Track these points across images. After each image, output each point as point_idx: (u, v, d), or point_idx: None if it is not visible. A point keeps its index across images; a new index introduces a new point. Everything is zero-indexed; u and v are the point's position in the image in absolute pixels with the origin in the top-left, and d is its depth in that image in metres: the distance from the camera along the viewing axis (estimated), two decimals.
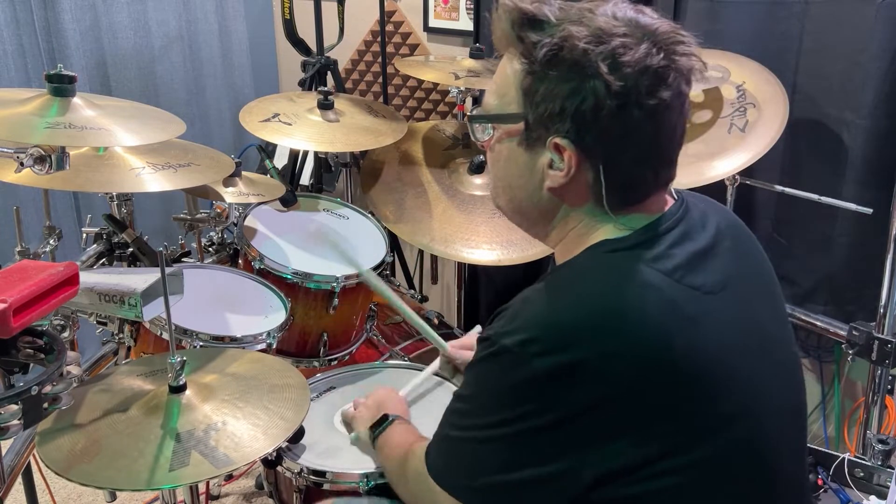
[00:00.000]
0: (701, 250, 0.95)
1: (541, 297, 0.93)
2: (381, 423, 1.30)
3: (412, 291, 2.42)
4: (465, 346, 1.53)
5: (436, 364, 1.59)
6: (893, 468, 1.62)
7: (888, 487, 1.58)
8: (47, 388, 1.04)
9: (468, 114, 1.05)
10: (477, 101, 2.53)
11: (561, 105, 0.91)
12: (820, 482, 1.66)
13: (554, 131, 0.92)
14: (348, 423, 1.45)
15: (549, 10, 0.92)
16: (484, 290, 2.71)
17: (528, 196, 1.00)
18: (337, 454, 1.42)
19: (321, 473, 1.37)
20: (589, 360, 0.85)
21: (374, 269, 1.91)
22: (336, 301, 1.83)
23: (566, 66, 0.90)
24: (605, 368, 0.85)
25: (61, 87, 1.44)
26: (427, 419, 1.33)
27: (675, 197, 1.02)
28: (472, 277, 2.67)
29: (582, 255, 0.96)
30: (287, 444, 1.41)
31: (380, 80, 2.80)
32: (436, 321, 2.22)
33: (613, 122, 0.90)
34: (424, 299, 2.53)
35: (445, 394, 1.60)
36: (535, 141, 0.95)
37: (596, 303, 0.88)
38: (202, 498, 2.06)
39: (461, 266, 2.55)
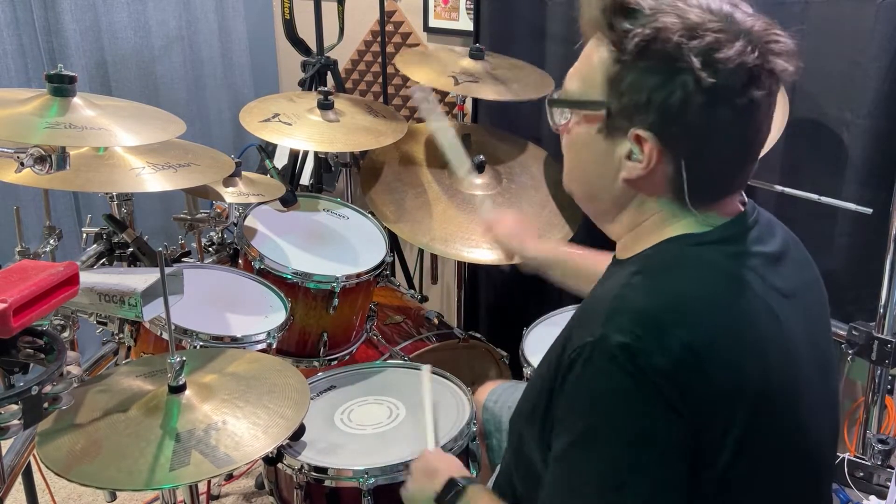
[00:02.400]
0: (774, 254, 0.96)
1: (638, 292, 0.90)
2: (449, 493, 1.13)
3: (412, 291, 2.42)
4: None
5: (429, 394, 1.56)
6: (893, 468, 1.62)
7: (888, 487, 1.58)
8: (47, 388, 1.04)
9: (549, 97, 1.01)
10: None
11: (647, 97, 0.88)
12: None
13: (637, 122, 0.90)
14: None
15: (645, 0, 0.89)
16: (484, 290, 2.71)
17: (601, 184, 0.97)
18: (337, 451, 1.43)
19: (322, 470, 1.38)
20: (699, 349, 0.84)
21: (374, 269, 1.91)
22: (336, 301, 1.83)
23: (657, 58, 0.87)
24: (715, 358, 0.84)
25: (61, 87, 1.44)
26: None
27: (746, 202, 1.01)
28: (472, 277, 2.67)
29: (663, 246, 0.94)
30: (287, 441, 1.41)
31: (380, 80, 2.80)
32: (436, 321, 2.22)
33: (700, 118, 0.88)
34: (424, 299, 2.53)
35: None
36: (615, 130, 0.93)
37: (695, 294, 0.88)
38: (202, 498, 2.06)
39: (461, 266, 2.55)
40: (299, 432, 1.42)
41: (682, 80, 0.86)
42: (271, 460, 1.44)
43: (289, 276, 1.80)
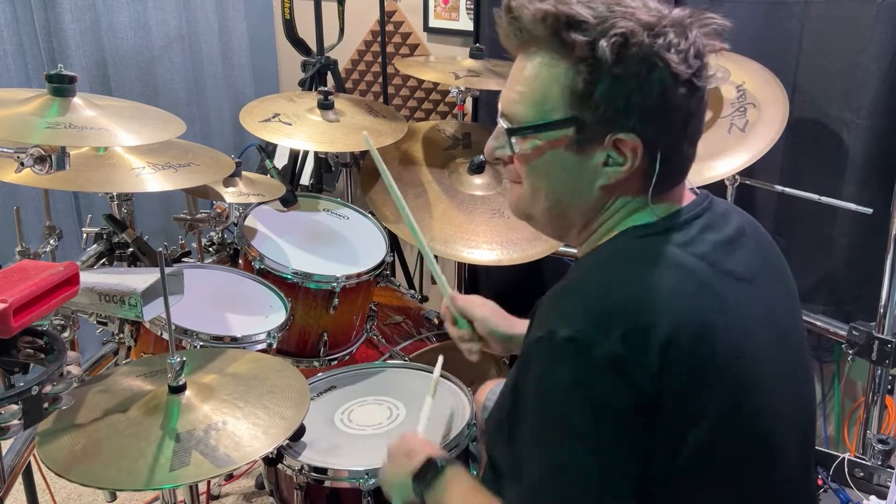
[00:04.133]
0: (727, 239, 0.97)
1: (582, 286, 0.92)
2: (427, 473, 1.10)
3: (412, 291, 2.42)
4: (466, 300, 1.40)
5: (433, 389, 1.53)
6: (893, 468, 1.62)
7: (888, 487, 1.58)
8: (47, 388, 1.04)
9: (508, 128, 0.98)
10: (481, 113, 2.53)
11: (626, 101, 0.89)
12: (820, 482, 1.66)
13: (616, 128, 0.90)
14: (387, 489, 1.25)
15: (585, 10, 0.89)
16: (484, 290, 2.71)
17: (573, 200, 0.98)
18: (338, 451, 1.42)
19: (322, 470, 1.37)
20: (643, 338, 0.84)
21: (374, 269, 1.91)
22: (336, 301, 1.83)
23: (632, 62, 0.88)
24: (658, 345, 0.84)
25: (61, 87, 1.44)
26: None
27: (697, 192, 1.03)
28: (472, 277, 2.67)
29: (612, 241, 0.96)
30: (288, 441, 1.41)
31: (380, 80, 2.79)
32: (436, 321, 2.22)
33: (676, 110, 0.91)
34: (424, 299, 2.53)
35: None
36: (588, 142, 0.93)
37: (636, 285, 0.89)
38: (202, 498, 2.06)
39: (461, 266, 2.55)
40: (299, 433, 1.42)
41: (658, 78, 0.88)
42: (271, 461, 1.44)
43: (289, 276, 1.80)
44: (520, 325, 1.32)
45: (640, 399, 0.84)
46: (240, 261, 1.95)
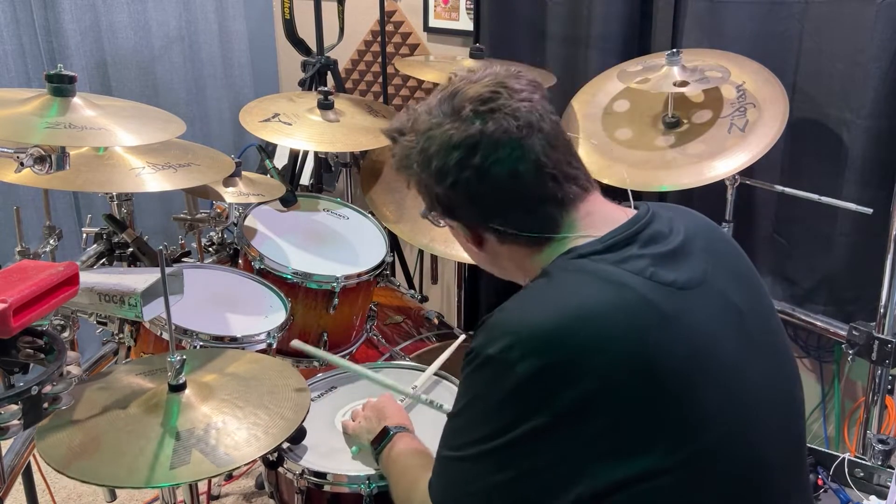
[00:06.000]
0: (670, 251, 0.97)
1: (516, 305, 0.95)
2: (383, 439, 1.29)
3: (412, 291, 2.42)
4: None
5: (436, 365, 1.58)
6: (893, 468, 1.62)
7: (888, 487, 1.58)
8: (47, 388, 1.04)
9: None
10: None
11: (427, 194, 1.06)
12: (820, 482, 1.66)
13: (434, 218, 1.09)
14: (348, 436, 1.42)
15: (398, 127, 1.08)
16: (484, 290, 2.71)
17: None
18: (339, 456, 1.42)
19: (322, 475, 1.37)
20: (569, 360, 0.87)
21: (374, 269, 1.91)
22: (336, 301, 1.83)
23: (404, 171, 1.07)
24: (586, 367, 0.86)
25: (61, 87, 1.44)
26: (430, 428, 1.33)
27: (638, 208, 1.04)
28: (472, 277, 2.67)
29: (551, 265, 0.99)
30: (289, 445, 1.41)
31: (380, 80, 2.80)
32: (436, 321, 2.22)
33: (456, 197, 1.02)
34: (424, 299, 2.53)
35: (447, 393, 1.60)
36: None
37: (570, 303, 0.91)
38: (202, 498, 2.06)
39: (461, 266, 2.55)
40: (300, 436, 1.42)
41: (422, 181, 1.05)
42: (272, 464, 1.44)
43: (289, 276, 1.80)
44: None
45: (563, 419, 0.87)
46: (240, 261, 1.95)
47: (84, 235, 1.84)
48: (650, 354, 0.88)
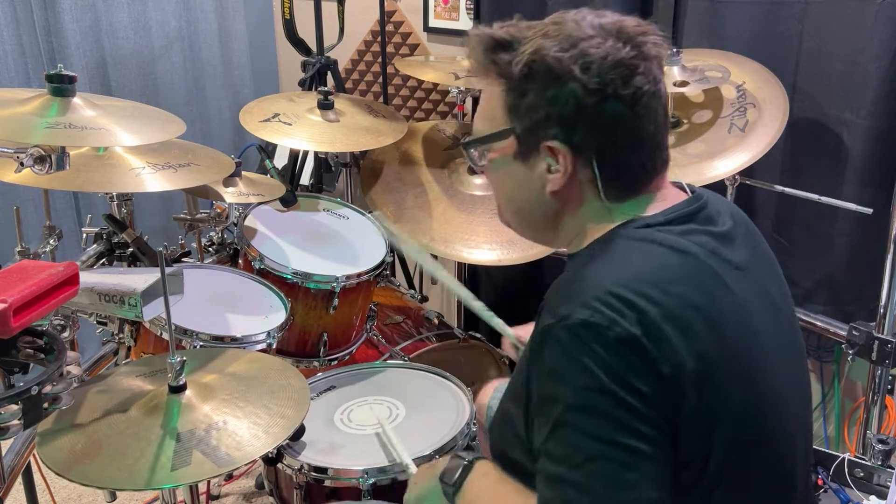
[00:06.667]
0: (724, 233, 1.00)
1: (590, 274, 0.94)
2: (456, 471, 1.06)
3: (412, 291, 2.42)
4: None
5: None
6: (893, 468, 1.62)
7: (888, 487, 1.58)
8: (47, 388, 1.04)
9: (462, 142, 1.09)
10: (476, 106, 2.53)
11: (546, 112, 0.96)
12: (820, 482, 1.66)
13: (544, 136, 0.97)
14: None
15: (516, 31, 1.00)
16: (484, 290, 2.71)
17: (532, 205, 1.04)
18: (337, 451, 1.43)
19: (322, 470, 1.38)
20: (655, 320, 0.86)
21: (374, 269, 1.91)
22: (336, 301, 1.83)
23: (542, 76, 0.95)
24: (671, 328, 0.86)
25: (61, 87, 1.44)
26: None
27: (691, 191, 1.05)
28: (473, 277, 2.67)
29: (609, 235, 0.98)
30: (288, 441, 1.41)
31: (380, 80, 2.79)
32: (436, 321, 2.22)
33: (596, 117, 0.95)
34: (424, 299, 2.53)
35: None
36: (528, 150, 1.00)
37: (648, 270, 0.91)
38: (202, 498, 2.06)
39: (461, 266, 2.55)
40: (299, 433, 1.42)
41: (570, 89, 0.94)
42: (271, 460, 1.44)
43: (289, 276, 1.80)
44: None
45: (661, 379, 0.85)
46: (240, 261, 1.95)
47: (84, 235, 1.84)
48: (718, 321, 0.90)
